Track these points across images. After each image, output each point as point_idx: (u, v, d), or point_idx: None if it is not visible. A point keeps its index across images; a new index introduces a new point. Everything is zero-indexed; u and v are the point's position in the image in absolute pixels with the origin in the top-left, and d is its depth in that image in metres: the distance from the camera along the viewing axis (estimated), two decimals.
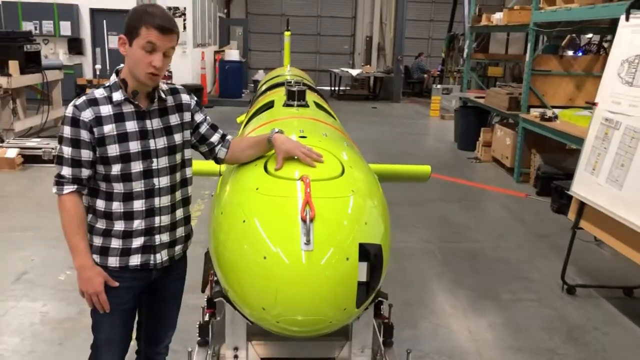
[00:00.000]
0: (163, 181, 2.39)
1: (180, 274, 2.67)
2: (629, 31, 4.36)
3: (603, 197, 4.27)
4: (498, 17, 9.58)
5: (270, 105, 3.99)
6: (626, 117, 4.15)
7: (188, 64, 15.06)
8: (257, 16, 22.29)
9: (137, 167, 2.32)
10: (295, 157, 2.27)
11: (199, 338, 2.68)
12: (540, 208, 7.25)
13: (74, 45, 14.56)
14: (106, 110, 2.27)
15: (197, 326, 2.67)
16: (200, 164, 3.15)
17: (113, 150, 2.27)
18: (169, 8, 14.53)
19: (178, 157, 2.44)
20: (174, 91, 2.48)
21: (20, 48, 9.51)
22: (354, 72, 19.37)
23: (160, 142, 2.36)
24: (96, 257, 2.37)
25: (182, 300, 4.29)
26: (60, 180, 2.29)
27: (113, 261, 2.37)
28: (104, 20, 13.87)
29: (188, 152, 2.51)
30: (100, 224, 2.36)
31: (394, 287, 4.71)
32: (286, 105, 3.60)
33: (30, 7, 13.95)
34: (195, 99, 2.58)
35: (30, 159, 8.28)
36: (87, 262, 2.32)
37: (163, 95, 2.40)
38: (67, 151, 2.26)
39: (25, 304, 4.26)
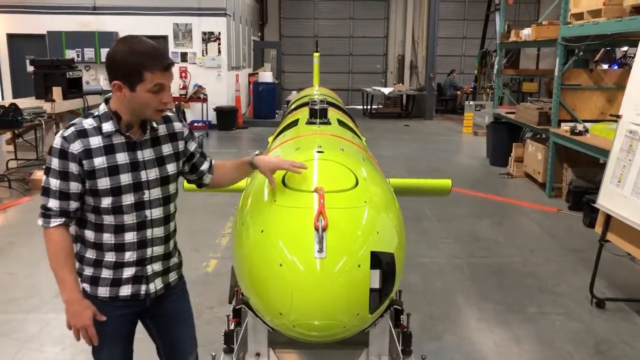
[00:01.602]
0: (155, 212, 2.34)
1: (178, 293, 2.59)
2: None
3: (628, 209, 4.26)
4: (527, 33, 9.60)
5: (295, 123, 4.14)
6: None
7: (223, 87, 15.46)
8: (291, 38, 22.74)
9: (128, 199, 2.26)
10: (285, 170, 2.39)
11: (225, 346, 2.81)
12: (572, 223, 7.18)
13: None
14: (96, 142, 2.20)
15: (223, 334, 2.80)
16: None
17: (103, 183, 2.21)
18: (204, 33, 15.02)
19: (171, 187, 2.40)
20: (166, 119, 2.40)
21: (64, 75, 9.96)
22: (386, 90, 19.50)
23: (152, 174, 2.31)
24: (86, 286, 2.34)
25: (214, 312, 4.48)
26: (46, 213, 2.21)
27: (103, 291, 2.33)
28: None
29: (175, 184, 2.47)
30: (90, 254, 2.32)
31: (420, 300, 4.80)
32: (309, 122, 3.75)
33: (73, 35, 14.60)
34: (186, 125, 2.53)
35: None
36: (74, 296, 2.25)
37: (155, 125, 2.34)
38: (54, 183, 2.19)
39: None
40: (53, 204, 2.21)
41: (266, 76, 16.94)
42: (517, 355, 4.00)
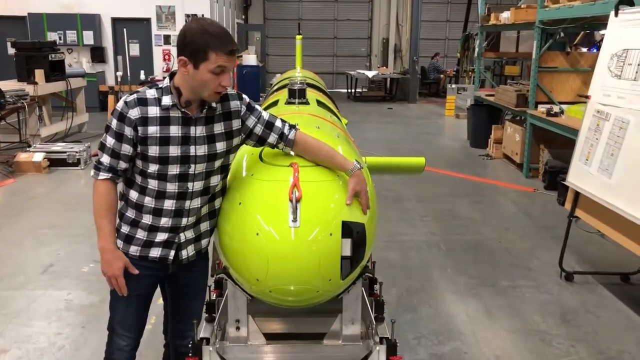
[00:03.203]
0: (197, 185, 2.43)
1: (202, 269, 2.74)
2: (617, 26, 4.54)
3: (595, 185, 4.45)
4: (506, 16, 9.74)
5: (275, 103, 4.25)
6: (615, 109, 4.33)
7: None
8: (275, 21, 22.69)
9: (174, 170, 2.37)
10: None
11: (206, 315, 2.94)
12: (547, 201, 7.40)
13: (96, 54, 15.05)
14: (154, 111, 2.33)
15: (204, 304, 2.93)
16: None
17: (153, 151, 2.33)
18: (187, 15, 14.96)
19: (217, 163, 2.46)
20: (223, 98, 2.44)
21: (46, 57, 9.94)
22: (370, 74, 19.60)
23: (201, 150, 2.39)
24: (120, 244, 2.47)
25: None
26: (98, 166, 2.38)
27: (134, 250, 2.47)
28: (125, 29, 14.33)
29: (232, 157, 2.53)
30: (130, 213, 2.46)
31: (398, 275, 4.98)
32: (288, 103, 3.87)
33: (55, 18, 14.48)
34: (248, 101, 2.53)
35: (55, 162, 8.69)
36: (109, 246, 2.41)
37: (213, 104, 2.40)
38: (109, 141, 2.34)
39: (52, 293, 4.60)
40: (105, 159, 2.37)
41: (250, 59, 16.96)
42: (489, 325, 4.20)
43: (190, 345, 2.60)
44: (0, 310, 4.30)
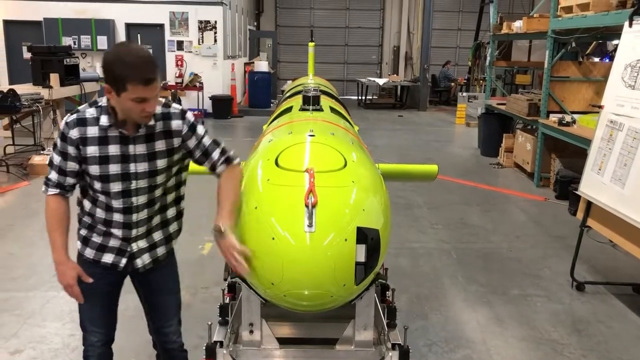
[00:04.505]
0: (141, 199, 2.50)
1: (166, 266, 2.75)
2: (631, 37, 4.54)
3: (607, 195, 4.44)
4: (518, 25, 9.74)
5: (288, 109, 4.29)
6: (629, 119, 4.33)
7: (219, 76, 15.55)
8: (286, 28, 22.82)
9: (116, 187, 2.45)
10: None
11: (220, 318, 2.97)
12: (559, 211, 7.38)
13: None
14: (93, 131, 2.40)
15: (218, 307, 2.96)
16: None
17: (94, 170, 2.42)
18: (200, 22, 15.09)
19: (159, 178, 2.51)
20: (166, 116, 2.49)
21: (60, 62, 10.04)
22: (381, 81, 19.64)
23: (141, 167, 2.46)
24: (79, 245, 2.59)
25: (209, 292, 4.64)
26: (47, 182, 2.49)
27: (90, 252, 2.58)
28: (138, 34, 14.46)
29: (175, 169, 2.59)
30: (87, 219, 2.57)
31: (408, 282, 4.99)
32: (302, 109, 3.91)
33: (70, 23, 14.64)
34: (191, 121, 2.55)
35: None
36: (61, 257, 2.47)
37: (152, 122, 2.43)
38: (56, 159, 2.46)
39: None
40: (53, 176, 2.48)
41: (262, 65, 17.04)
42: (499, 333, 4.19)
43: (174, 341, 2.79)
44: (14, 311, 4.35)
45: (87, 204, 2.55)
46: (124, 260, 2.59)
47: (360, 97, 20.09)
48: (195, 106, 15.14)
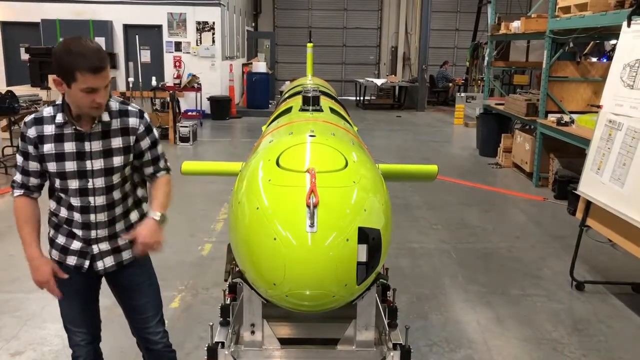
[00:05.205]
0: (99, 200, 2.52)
1: (135, 268, 2.73)
2: (630, 37, 4.56)
3: (606, 195, 4.45)
4: (516, 26, 9.76)
5: (288, 110, 4.29)
6: (627, 119, 4.34)
7: (217, 76, 15.55)
8: (284, 29, 22.82)
9: (73, 184, 2.48)
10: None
11: (221, 319, 2.97)
12: (558, 211, 7.39)
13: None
14: (49, 130, 2.44)
15: (219, 308, 2.96)
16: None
17: (51, 167, 2.46)
18: (198, 22, 15.08)
19: (115, 177, 2.54)
20: (123, 113, 2.52)
21: None
22: (379, 81, 19.65)
23: (97, 164, 2.48)
24: (48, 246, 2.61)
25: (210, 293, 4.64)
26: (13, 184, 2.56)
27: (55, 254, 2.61)
28: (137, 36, 14.44)
29: (128, 170, 2.61)
30: (53, 219, 2.61)
31: (409, 282, 4.99)
32: (302, 109, 3.90)
33: (68, 24, 14.61)
34: (148, 122, 2.60)
35: None
36: (34, 253, 2.51)
37: (107, 118, 2.47)
38: (19, 160, 2.51)
39: None
40: (17, 177, 2.54)
41: (260, 66, 17.04)
42: (500, 333, 4.20)
43: (157, 341, 2.82)
44: (15, 312, 4.35)
45: (52, 204, 2.59)
46: (87, 262, 2.60)
47: (358, 98, 20.11)
48: (193, 107, 15.13)
